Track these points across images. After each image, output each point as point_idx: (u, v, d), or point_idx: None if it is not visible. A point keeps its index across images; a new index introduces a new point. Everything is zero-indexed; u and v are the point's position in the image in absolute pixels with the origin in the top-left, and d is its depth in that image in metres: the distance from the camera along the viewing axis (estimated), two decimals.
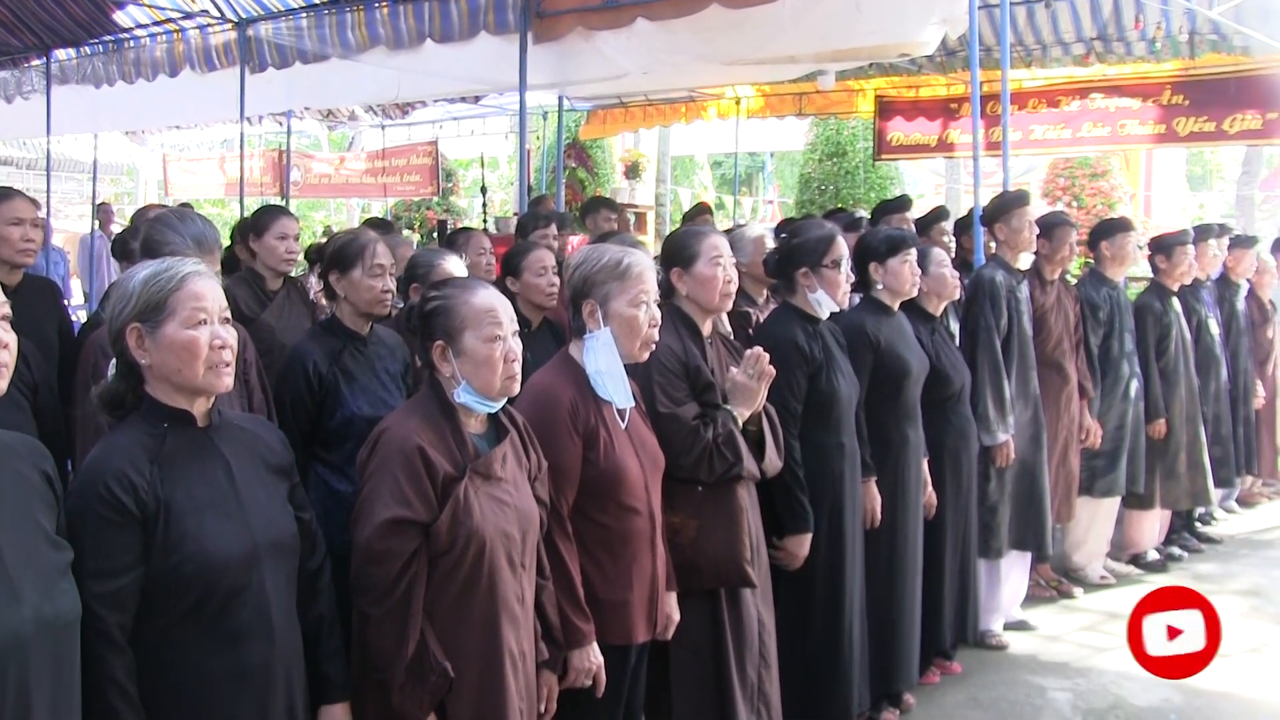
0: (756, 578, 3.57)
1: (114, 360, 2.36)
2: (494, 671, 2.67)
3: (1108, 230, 6.31)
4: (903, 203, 6.76)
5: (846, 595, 4.10)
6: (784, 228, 5.00)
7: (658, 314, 3.24)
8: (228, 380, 2.33)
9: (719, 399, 3.55)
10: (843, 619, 4.09)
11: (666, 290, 3.66)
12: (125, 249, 5.27)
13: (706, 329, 3.70)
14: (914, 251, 4.56)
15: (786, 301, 4.21)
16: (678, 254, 3.68)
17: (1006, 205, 5.52)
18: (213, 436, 2.37)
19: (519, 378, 2.77)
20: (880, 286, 4.53)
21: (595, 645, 3.02)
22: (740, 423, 3.53)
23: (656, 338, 3.27)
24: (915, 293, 4.62)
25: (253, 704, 2.32)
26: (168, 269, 2.32)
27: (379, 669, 2.56)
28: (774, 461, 3.65)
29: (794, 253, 4.14)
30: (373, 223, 8.64)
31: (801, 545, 3.91)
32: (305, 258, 4.84)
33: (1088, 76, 9.85)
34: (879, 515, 4.34)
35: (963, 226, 6.46)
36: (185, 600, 2.22)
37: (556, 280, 4.64)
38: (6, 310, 1.99)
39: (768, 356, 3.52)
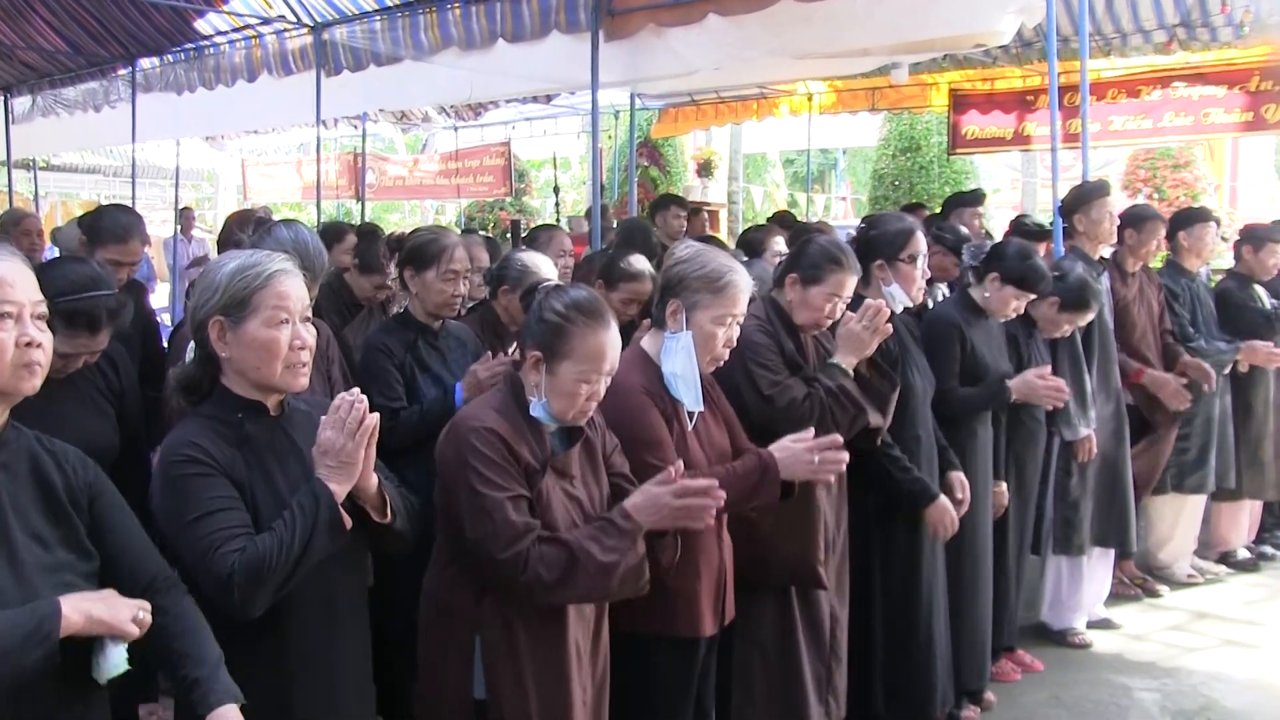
0: (828, 578, 3.54)
1: (193, 344, 2.38)
2: (559, 666, 2.69)
3: (1186, 220, 6.17)
4: (975, 196, 6.65)
5: (924, 590, 4.06)
6: (866, 220, 4.95)
7: (735, 336, 3.22)
8: (304, 381, 2.36)
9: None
10: (920, 615, 4.04)
11: (779, 278, 3.67)
12: (234, 243, 5.30)
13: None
14: (1034, 296, 4.49)
15: (860, 294, 4.16)
16: (805, 266, 3.62)
17: (1086, 196, 5.41)
18: (284, 426, 2.41)
19: (590, 414, 2.77)
20: (986, 295, 4.47)
21: None
22: (850, 372, 3.54)
23: (725, 358, 3.24)
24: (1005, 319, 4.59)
25: (320, 690, 2.37)
26: (255, 265, 2.34)
27: (627, 579, 2.61)
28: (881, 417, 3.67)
29: (871, 244, 4.08)
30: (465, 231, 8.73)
31: (940, 513, 3.94)
32: (385, 245, 4.91)
33: (1169, 65, 9.61)
34: (968, 502, 4.25)
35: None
36: None
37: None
38: (43, 309, 1.98)
39: (888, 313, 3.51)
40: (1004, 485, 4.61)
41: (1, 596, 1.86)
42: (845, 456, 3.13)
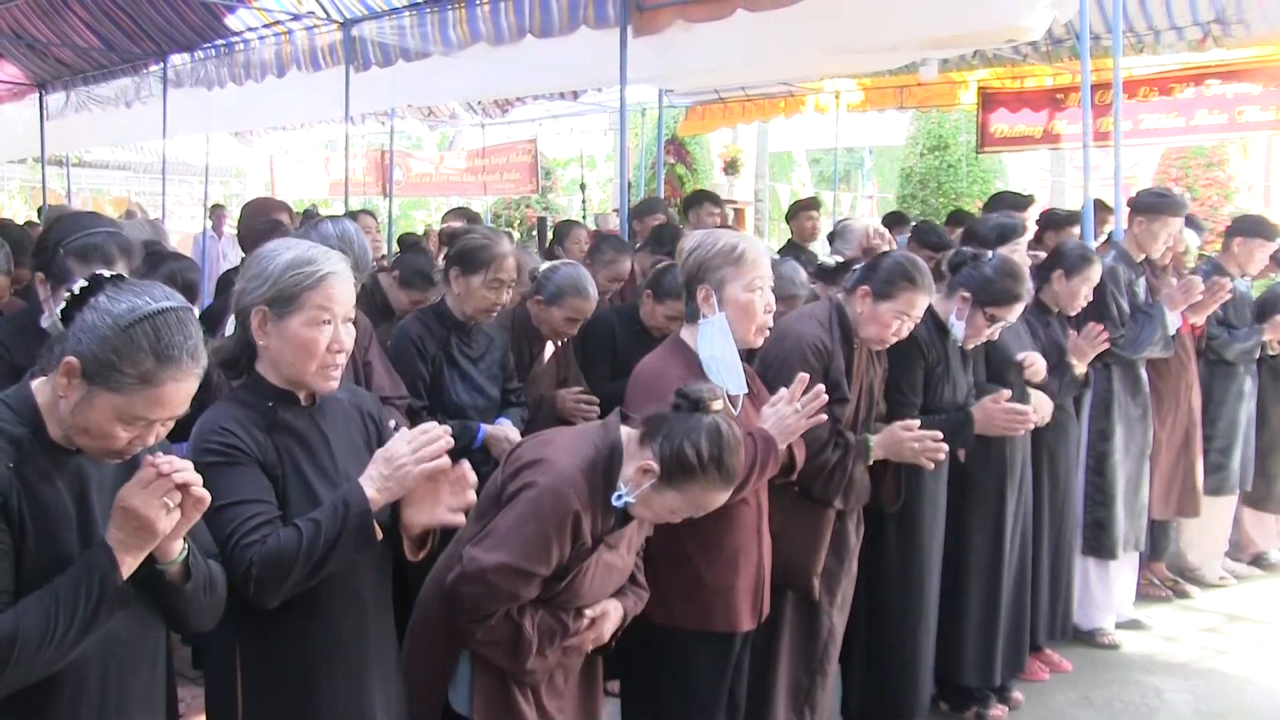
0: (836, 594, 3.59)
1: (233, 319, 2.37)
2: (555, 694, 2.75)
3: (1249, 231, 6.01)
4: (1024, 201, 6.51)
5: (912, 593, 4.04)
6: (985, 237, 4.79)
7: (773, 300, 3.19)
8: (333, 384, 2.35)
9: (842, 417, 3.54)
10: (893, 618, 4.02)
11: (851, 287, 3.65)
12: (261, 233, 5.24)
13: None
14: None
15: None
16: (879, 281, 3.58)
17: (1159, 206, 5.27)
18: (315, 416, 2.40)
19: None
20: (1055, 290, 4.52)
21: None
22: (871, 460, 3.56)
23: (771, 324, 3.22)
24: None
25: (348, 675, 2.36)
26: (310, 262, 2.31)
27: (519, 666, 2.61)
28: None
29: (976, 274, 3.96)
30: (457, 213, 8.71)
31: (986, 415, 3.97)
32: (439, 238, 4.88)
33: (1203, 62, 9.50)
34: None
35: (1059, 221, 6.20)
36: None
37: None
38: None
39: (942, 454, 3.56)
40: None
41: None
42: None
